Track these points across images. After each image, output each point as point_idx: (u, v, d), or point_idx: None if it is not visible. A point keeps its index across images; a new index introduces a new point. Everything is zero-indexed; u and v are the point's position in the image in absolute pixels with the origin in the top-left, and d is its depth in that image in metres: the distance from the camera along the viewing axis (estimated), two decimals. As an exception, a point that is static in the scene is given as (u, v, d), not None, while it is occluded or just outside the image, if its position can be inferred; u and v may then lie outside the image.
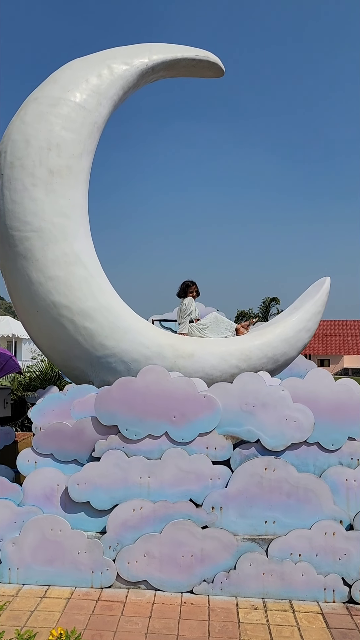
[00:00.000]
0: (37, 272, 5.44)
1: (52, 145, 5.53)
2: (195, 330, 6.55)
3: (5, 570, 5.05)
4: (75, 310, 5.47)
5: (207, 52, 6.81)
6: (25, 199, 5.43)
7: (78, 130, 5.71)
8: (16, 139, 5.55)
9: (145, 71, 6.29)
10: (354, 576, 4.85)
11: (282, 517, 5.03)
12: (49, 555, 5.03)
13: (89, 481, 5.11)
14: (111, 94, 6.03)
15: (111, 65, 6.06)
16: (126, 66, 6.12)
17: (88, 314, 5.50)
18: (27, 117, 5.62)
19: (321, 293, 6.51)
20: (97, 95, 5.89)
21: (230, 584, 4.89)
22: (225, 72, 7.04)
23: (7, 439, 6.68)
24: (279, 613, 4.65)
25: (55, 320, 5.52)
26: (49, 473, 5.23)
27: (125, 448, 5.20)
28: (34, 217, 5.42)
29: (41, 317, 5.59)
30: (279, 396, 5.18)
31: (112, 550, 5.02)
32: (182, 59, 6.56)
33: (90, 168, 5.97)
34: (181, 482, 5.11)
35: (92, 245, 5.89)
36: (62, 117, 5.63)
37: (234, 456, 5.21)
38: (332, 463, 5.20)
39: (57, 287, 5.44)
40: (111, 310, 5.61)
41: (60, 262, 5.45)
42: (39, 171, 5.47)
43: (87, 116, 5.79)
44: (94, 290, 5.57)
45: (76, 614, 4.53)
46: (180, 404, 5.19)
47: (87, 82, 5.86)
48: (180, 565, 4.94)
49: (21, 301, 5.72)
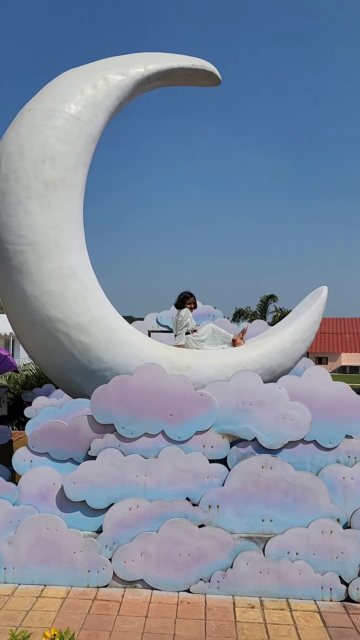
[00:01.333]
0: (32, 286, 5.40)
1: (47, 157, 5.49)
2: (191, 342, 6.54)
3: (1, 569, 5.02)
4: (71, 324, 5.44)
5: (203, 61, 6.77)
6: (19, 212, 5.39)
7: (73, 142, 5.66)
8: (10, 151, 5.50)
9: (141, 81, 6.24)
10: (351, 575, 4.84)
11: (279, 516, 5.01)
12: (44, 555, 5.00)
13: (85, 480, 5.08)
14: (106, 105, 5.98)
15: (106, 76, 6.00)
16: (122, 76, 6.08)
17: (84, 328, 5.47)
18: (21, 129, 5.57)
19: (318, 303, 6.51)
20: (92, 107, 5.84)
21: (227, 583, 4.87)
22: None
23: (2, 437, 6.65)
24: (276, 612, 4.63)
25: (50, 334, 5.49)
26: (44, 472, 5.20)
27: (122, 447, 5.17)
28: (28, 230, 5.38)
29: (36, 331, 5.56)
30: (275, 394, 5.15)
31: (108, 550, 4.99)
32: (178, 69, 6.53)
33: (85, 180, 5.93)
34: (178, 480, 5.08)
35: (88, 258, 5.85)
36: (56, 129, 5.58)
37: (231, 454, 5.18)
38: (329, 461, 5.18)
39: (52, 301, 5.40)
40: (107, 323, 5.58)
41: (55, 276, 5.41)
42: (33, 184, 5.42)
43: (82, 128, 5.74)
44: (89, 303, 5.54)
45: (72, 614, 4.50)
46: (177, 402, 5.16)
47: (82, 93, 5.81)
48: (177, 564, 4.92)
49: (16, 315, 5.69)
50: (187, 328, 6.65)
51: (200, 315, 8.44)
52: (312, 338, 6.44)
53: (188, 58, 6.66)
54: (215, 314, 8.52)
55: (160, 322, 8.43)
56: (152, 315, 8.52)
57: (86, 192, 6.01)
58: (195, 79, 6.85)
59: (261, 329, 8.33)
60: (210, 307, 8.57)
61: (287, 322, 6.65)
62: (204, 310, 8.52)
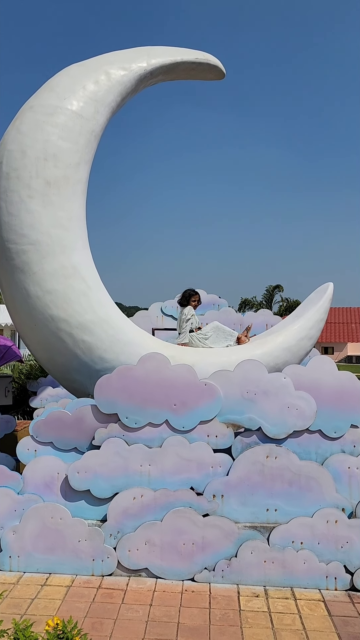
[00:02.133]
0: (34, 285, 5.36)
1: (49, 155, 5.41)
2: (195, 340, 6.48)
3: (6, 558, 5.04)
4: (74, 323, 5.41)
5: (207, 54, 6.65)
6: (21, 211, 5.33)
7: (75, 139, 5.58)
8: (12, 149, 5.43)
9: (143, 76, 6.13)
10: (356, 564, 4.82)
11: (284, 505, 4.99)
12: (49, 543, 5.02)
13: (89, 469, 5.07)
14: (109, 101, 5.89)
15: (109, 71, 5.90)
16: (124, 71, 5.97)
17: (87, 327, 5.44)
18: (23, 126, 5.49)
19: (324, 300, 6.45)
20: (95, 103, 5.75)
21: (231, 572, 4.87)
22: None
23: (7, 427, 6.66)
24: (281, 601, 4.62)
25: (53, 334, 5.46)
26: (49, 461, 5.20)
27: (126, 436, 5.15)
28: (30, 229, 5.32)
29: (39, 331, 5.52)
30: (280, 384, 5.12)
31: (112, 539, 5.00)
32: (181, 63, 6.41)
33: (87, 178, 5.85)
34: (182, 470, 5.07)
35: (91, 256, 5.80)
36: (58, 126, 5.50)
37: (235, 444, 5.16)
38: (334, 451, 5.15)
39: (55, 301, 5.36)
40: (110, 323, 5.54)
41: (59, 275, 5.36)
42: (35, 182, 5.36)
43: (85, 124, 5.66)
44: (92, 303, 5.50)
45: (77, 602, 4.52)
46: (181, 391, 5.13)
47: (84, 89, 5.72)
48: (181, 553, 4.92)
49: (19, 315, 5.65)
50: (191, 326, 6.60)
51: (205, 304, 8.39)
52: (318, 335, 6.38)
53: (191, 52, 6.54)
54: (220, 303, 8.46)
55: (165, 312, 8.39)
56: (157, 305, 8.48)
57: (91, 185, 5.95)
58: (198, 72, 6.74)
59: (266, 319, 8.30)
60: (215, 297, 8.51)
61: (292, 319, 6.59)
62: (208, 299, 8.47)
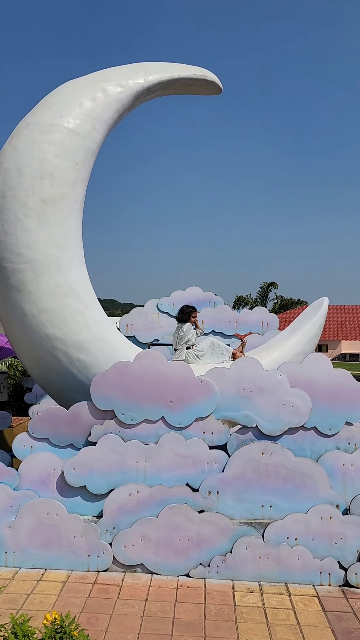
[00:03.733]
0: (30, 304, 5.35)
1: (45, 174, 5.39)
2: (191, 356, 6.49)
3: (2, 553, 5.05)
4: (70, 342, 5.40)
5: (204, 70, 6.66)
6: (18, 230, 5.31)
7: (72, 157, 5.56)
8: (8, 167, 5.40)
9: (140, 92, 6.12)
10: (350, 560, 4.87)
11: (279, 502, 5.03)
12: (45, 539, 5.03)
13: (85, 465, 5.09)
14: (106, 118, 5.86)
15: (105, 88, 5.88)
16: (121, 88, 5.95)
17: (82, 346, 5.44)
18: (19, 144, 5.46)
19: (319, 315, 6.51)
20: (92, 120, 5.73)
21: (226, 568, 4.90)
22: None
23: (3, 423, 6.64)
24: (275, 596, 4.66)
25: (49, 353, 5.45)
26: (45, 457, 5.21)
27: (122, 432, 5.17)
28: (26, 248, 5.30)
29: (35, 349, 5.51)
30: (276, 381, 5.14)
31: (108, 534, 5.01)
32: (178, 79, 6.40)
33: (84, 195, 5.82)
34: (178, 466, 5.09)
35: (87, 274, 5.78)
36: (55, 145, 5.47)
37: (231, 441, 5.18)
38: (329, 448, 5.18)
39: (51, 320, 5.36)
40: (106, 341, 5.54)
41: (54, 295, 5.36)
42: (31, 201, 5.33)
43: (81, 142, 5.64)
44: (88, 322, 5.49)
45: (72, 597, 4.54)
46: (177, 388, 5.15)
47: (80, 107, 5.69)
48: (177, 549, 4.95)
49: (15, 333, 5.64)
50: (188, 343, 6.62)
51: (201, 301, 8.40)
52: (313, 350, 6.43)
53: (189, 68, 6.54)
54: (215, 300, 8.47)
55: (161, 309, 8.39)
56: (153, 301, 8.47)
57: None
58: (196, 88, 6.75)
59: (262, 316, 8.33)
60: (211, 294, 8.51)
61: (287, 335, 6.63)
62: (204, 296, 8.47)
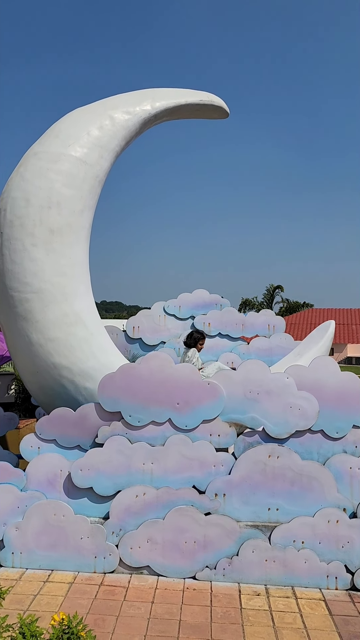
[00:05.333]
0: (37, 333, 5.38)
1: (53, 203, 5.42)
2: None
3: (9, 554, 5.07)
4: (76, 371, 5.44)
5: (212, 95, 6.71)
6: (25, 260, 5.34)
7: (79, 186, 5.59)
8: (16, 196, 5.44)
9: (148, 119, 6.17)
10: (357, 564, 4.85)
11: (286, 505, 5.02)
12: (52, 540, 5.04)
13: (92, 467, 5.10)
14: (113, 146, 5.90)
15: (113, 116, 5.91)
16: (128, 115, 5.99)
17: (89, 375, 5.47)
18: (27, 173, 5.50)
19: (325, 339, 6.53)
20: (99, 149, 5.77)
21: (232, 570, 4.90)
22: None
23: (10, 424, 6.69)
24: (282, 599, 4.65)
25: (55, 381, 5.49)
26: (52, 459, 5.23)
27: (129, 434, 5.18)
28: (33, 277, 5.33)
29: (41, 377, 5.56)
30: (283, 384, 5.14)
31: (115, 536, 5.02)
32: (185, 105, 6.44)
33: (91, 223, 5.86)
34: (184, 468, 5.10)
35: (93, 301, 5.83)
36: (62, 174, 5.51)
37: (238, 443, 5.18)
38: (336, 451, 5.17)
39: (58, 349, 5.39)
40: (112, 369, 5.52)
41: (61, 323, 5.39)
42: (39, 231, 5.36)
43: (89, 171, 5.67)
44: (94, 350, 5.53)
45: (79, 599, 4.54)
46: (184, 391, 5.15)
47: (88, 135, 5.72)
48: (183, 551, 4.95)
49: (21, 361, 5.69)
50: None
51: (208, 304, 8.42)
52: None
53: (196, 93, 6.59)
54: (222, 303, 8.48)
55: (168, 311, 8.42)
56: (159, 304, 8.50)
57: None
58: (203, 113, 6.81)
59: (268, 319, 8.34)
60: (218, 297, 8.53)
61: (293, 358, 6.62)
62: (211, 299, 8.48)
